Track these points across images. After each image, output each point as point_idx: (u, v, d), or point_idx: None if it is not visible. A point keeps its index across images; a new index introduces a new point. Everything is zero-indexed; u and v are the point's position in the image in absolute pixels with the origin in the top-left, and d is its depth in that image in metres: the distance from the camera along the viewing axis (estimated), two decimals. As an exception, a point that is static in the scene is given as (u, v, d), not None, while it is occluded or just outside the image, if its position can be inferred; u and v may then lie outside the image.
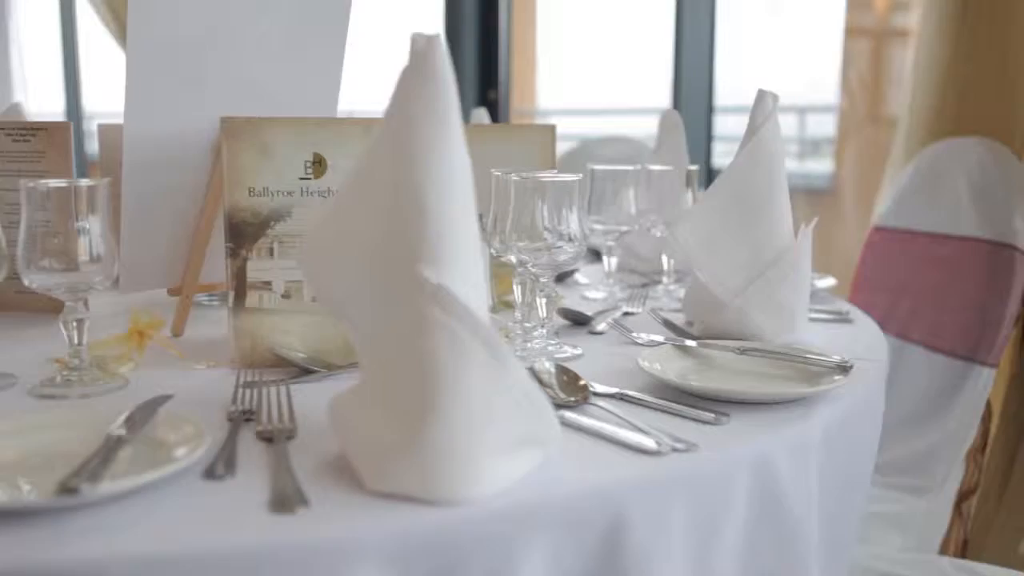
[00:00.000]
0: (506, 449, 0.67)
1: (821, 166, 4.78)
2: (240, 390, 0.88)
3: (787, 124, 5.13)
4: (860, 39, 4.31)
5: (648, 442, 0.75)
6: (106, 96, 5.23)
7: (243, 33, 1.09)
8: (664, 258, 1.44)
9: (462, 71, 3.88)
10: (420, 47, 0.68)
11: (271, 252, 0.97)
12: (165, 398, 0.80)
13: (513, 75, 4.24)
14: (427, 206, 0.66)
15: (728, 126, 3.61)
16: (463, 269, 0.67)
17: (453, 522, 0.63)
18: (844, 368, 0.92)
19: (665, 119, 1.71)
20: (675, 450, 0.75)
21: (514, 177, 1.03)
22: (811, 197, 4.05)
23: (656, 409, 0.85)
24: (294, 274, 0.98)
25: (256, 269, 0.97)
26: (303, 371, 0.95)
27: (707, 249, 1.11)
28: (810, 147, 5.40)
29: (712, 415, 0.82)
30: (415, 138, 0.67)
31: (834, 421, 0.86)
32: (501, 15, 3.72)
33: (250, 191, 0.96)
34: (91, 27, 4.66)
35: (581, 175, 1.03)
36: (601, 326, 1.18)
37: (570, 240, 1.02)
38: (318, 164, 0.97)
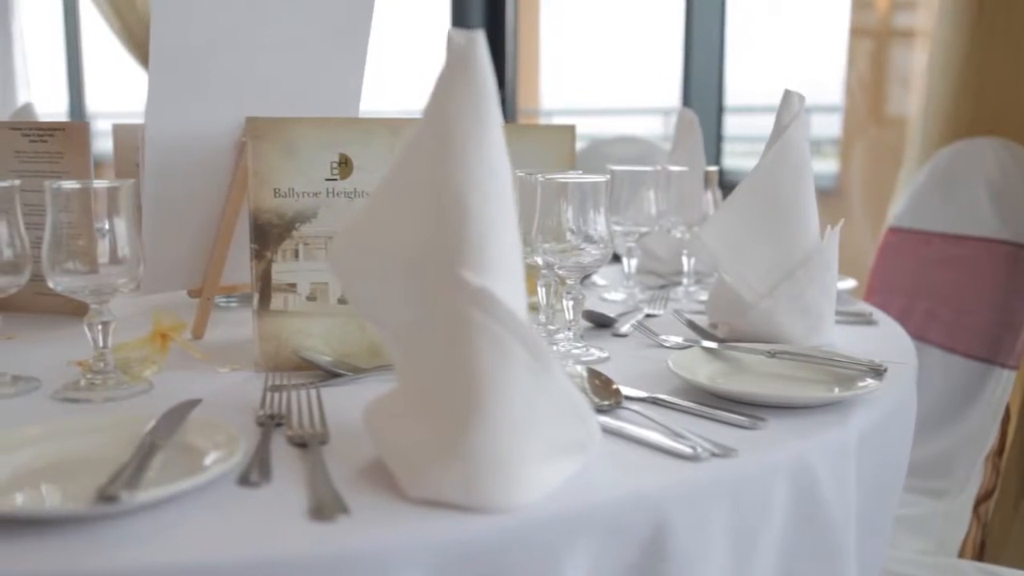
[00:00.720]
0: (548, 454, 0.66)
1: (826, 166, 4.78)
2: (268, 394, 0.86)
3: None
4: (864, 39, 4.31)
5: (687, 447, 0.73)
6: (110, 95, 5.22)
7: (266, 33, 1.08)
8: (684, 259, 1.43)
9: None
10: (460, 45, 0.67)
11: (296, 254, 0.96)
12: (194, 403, 0.79)
13: (518, 75, 4.23)
14: (468, 207, 0.65)
15: (729, 126, 3.60)
16: (504, 271, 0.66)
17: (497, 530, 0.62)
18: (878, 371, 0.90)
19: (682, 119, 1.69)
20: (714, 455, 0.74)
21: (540, 178, 1.02)
22: (817, 197, 4.04)
23: (690, 413, 0.84)
24: (320, 276, 0.96)
25: (281, 271, 0.96)
26: (329, 374, 0.94)
27: (734, 251, 1.10)
28: (814, 147, 5.40)
29: (748, 419, 0.81)
30: (456, 138, 0.66)
31: (870, 425, 0.85)
32: (508, 15, 3.71)
33: (275, 192, 0.95)
34: (94, 26, 4.64)
35: (608, 176, 1.02)
36: (625, 328, 1.17)
37: (597, 242, 1.01)
38: (344, 164, 0.96)
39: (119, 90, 5.31)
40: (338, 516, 0.62)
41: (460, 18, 3.76)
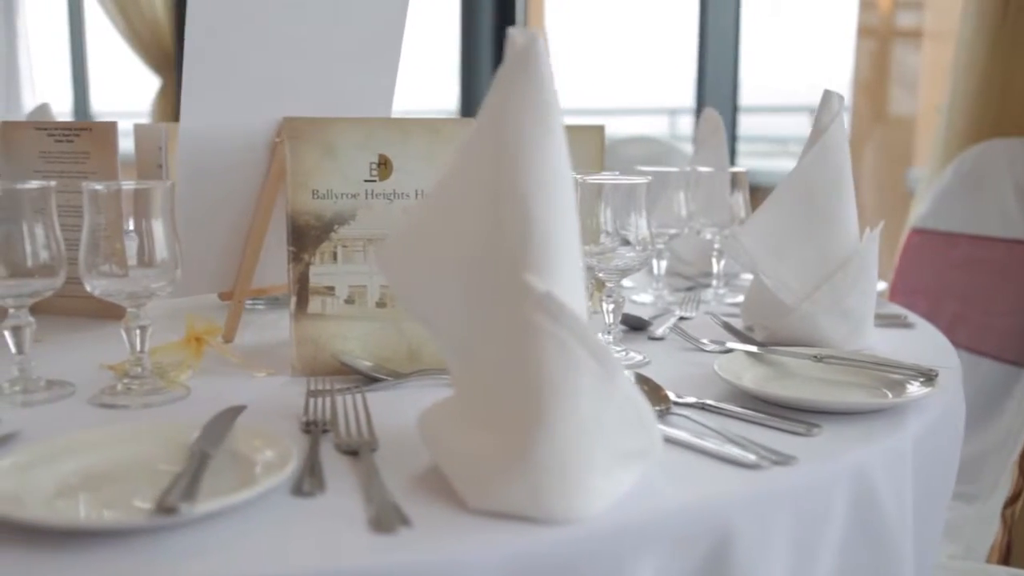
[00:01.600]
0: (612, 463, 0.64)
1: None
2: (310, 400, 0.85)
3: (799, 124, 5.13)
4: (871, 39, 4.30)
5: (748, 455, 0.72)
6: (114, 95, 5.20)
7: (299, 32, 1.07)
8: (713, 261, 1.41)
9: (478, 70, 3.85)
10: (520, 44, 0.65)
11: (334, 256, 0.94)
12: (239, 409, 0.77)
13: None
14: (532, 210, 0.63)
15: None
16: (567, 275, 0.64)
17: (564, 541, 0.60)
18: (929, 376, 0.89)
19: (706, 119, 1.68)
20: (775, 463, 0.72)
21: (579, 179, 1.00)
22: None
23: (742, 419, 0.83)
24: (358, 279, 0.95)
25: (319, 273, 0.94)
26: (368, 379, 0.93)
27: (773, 253, 1.08)
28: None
29: (804, 426, 0.79)
30: (517, 140, 0.64)
31: (923, 430, 0.84)
32: (518, 15, 3.69)
33: (314, 193, 0.93)
34: (99, 26, 4.62)
35: (649, 178, 1.00)
36: (660, 331, 1.16)
37: (637, 244, 0.99)
38: (383, 165, 0.94)
39: (124, 90, 5.29)
40: (399, 528, 0.60)
41: (470, 17, 3.74)
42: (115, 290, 0.86)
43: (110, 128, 1.18)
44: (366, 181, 0.94)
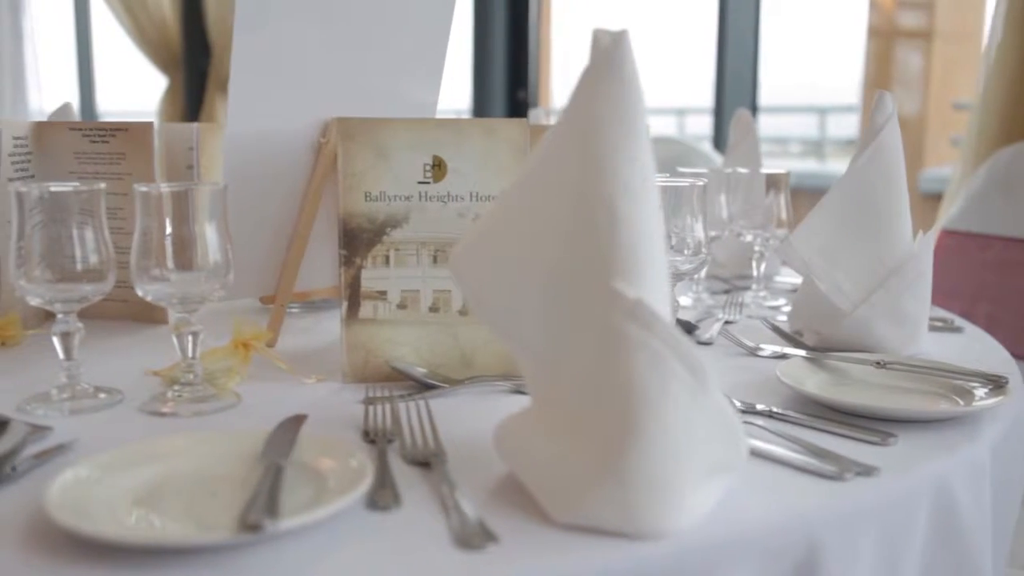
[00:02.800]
0: (702, 476, 0.62)
1: (844, 166, 4.76)
2: (370, 408, 0.83)
3: (808, 124, 5.11)
4: (882, 40, 4.28)
5: (830, 466, 0.70)
6: (121, 94, 5.17)
7: (346, 32, 1.04)
8: (753, 264, 1.39)
9: (491, 72, 3.83)
10: (605, 44, 0.63)
11: (387, 260, 0.92)
12: (301, 418, 0.75)
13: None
14: (619, 215, 0.61)
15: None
16: (655, 281, 0.62)
17: (656, 556, 0.58)
18: (999, 383, 0.87)
19: (738, 120, 1.66)
20: (858, 474, 0.70)
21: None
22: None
23: (811, 428, 0.81)
24: (411, 283, 0.93)
25: (371, 278, 0.92)
26: (422, 387, 0.90)
27: (827, 257, 1.06)
28: (830, 148, 5.38)
29: (879, 435, 0.77)
30: (604, 142, 0.62)
31: (998, 438, 0.82)
32: (531, 15, 3.67)
33: (366, 195, 0.91)
34: (106, 25, 4.60)
35: (706, 180, 0.98)
36: (708, 335, 1.14)
37: (693, 247, 0.97)
38: (437, 167, 0.92)
39: (130, 89, 5.26)
40: (487, 545, 0.58)
41: (482, 19, 3.72)
42: (167, 294, 0.84)
43: (146, 128, 1.16)
44: (420, 183, 0.92)
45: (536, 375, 0.67)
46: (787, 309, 1.33)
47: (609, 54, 0.63)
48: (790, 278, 1.59)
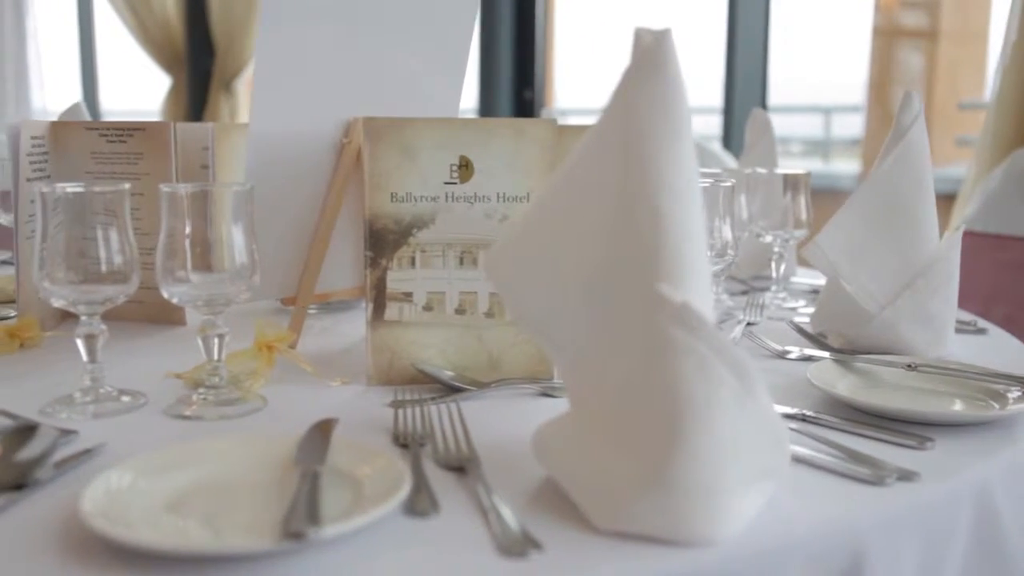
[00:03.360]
0: (748, 482, 0.61)
1: (848, 167, 4.75)
2: (399, 411, 0.82)
3: (812, 124, 5.10)
4: (886, 39, 4.28)
5: (872, 471, 0.69)
6: (124, 93, 5.16)
7: (370, 32, 1.03)
8: (773, 265, 1.38)
9: (497, 71, 3.82)
10: (648, 43, 0.62)
11: (412, 261, 0.91)
12: (332, 422, 0.74)
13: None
14: (664, 216, 0.60)
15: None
16: (699, 284, 0.61)
17: (703, 564, 0.57)
18: (1034, 385, 0.86)
19: (755, 120, 1.65)
20: (899, 479, 0.69)
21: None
22: (839, 197, 4.02)
23: (846, 431, 0.80)
24: (436, 285, 0.92)
25: (397, 279, 0.91)
26: (449, 389, 0.89)
27: (854, 259, 1.05)
28: (835, 148, 5.38)
29: (916, 439, 0.76)
30: (648, 143, 0.61)
31: (1036, 443, 0.81)
32: (537, 15, 3.66)
33: (392, 196, 0.90)
34: (109, 24, 4.58)
35: (733, 180, 0.97)
36: (730, 337, 1.13)
37: (721, 249, 0.96)
38: (464, 167, 0.91)
39: (134, 89, 5.25)
40: (530, 552, 0.57)
41: (489, 18, 3.71)
42: (192, 296, 0.83)
43: (164, 128, 1.15)
44: (446, 183, 0.91)
45: (575, 379, 0.66)
46: (805, 310, 1.32)
47: (652, 53, 0.62)
48: (806, 279, 1.58)
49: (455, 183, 0.91)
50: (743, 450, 0.60)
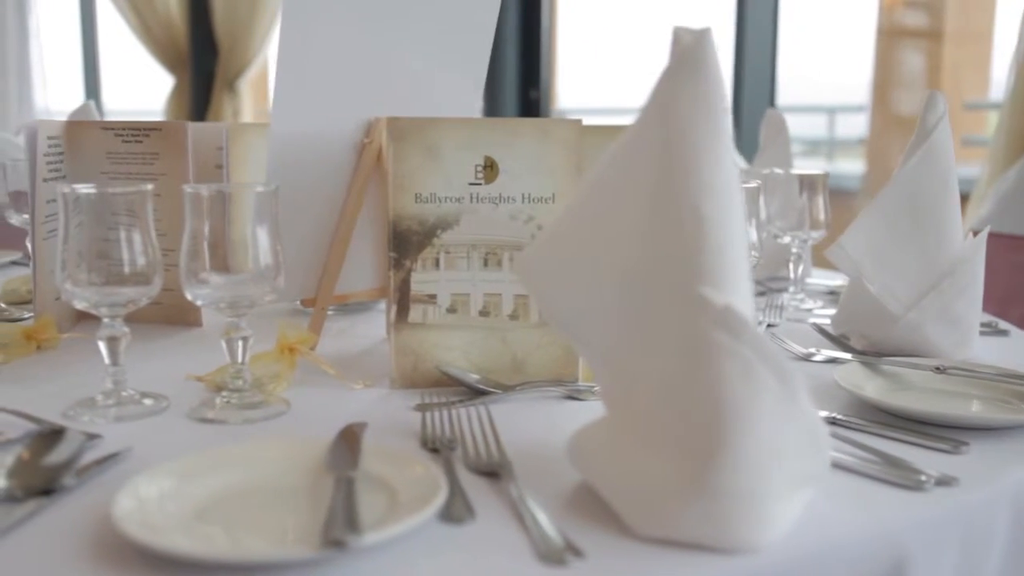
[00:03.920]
0: (789, 487, 0.60)
1: (852, 166, 4.75)
2: (427, 415, 0.81)
3: (817, 124, 5.10)
4: (890, 39, 4.27)
5: (910, 475, 0.68)
6: (127, 93, 5.15)
7: (391, 31, 1.02)
8: (791, 266, 1.37)
9: (503, 71, 3.81)
10: (687, 43, 0.61)
11: (436, 263, 0.90)
12: (362, 426, 0.73)
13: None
14: (706, 218, 0.59)
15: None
16: (741, 287, 0.60)
17: (747, 571, 0.57)
18: (1066, 389, 0.85)
19: (769, 121, 1.64)
20: (937, 484, 0.68)
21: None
22: (843, 197, 4.01)
23: (878, 435, 0.79)
24: (461, 286, 0.91)
25: (421, 281, 0.90)
26: (474, 392, 0.88)
27: (878, 260, 1.05)
28: (839, 148, 5.37)
29: (950, 443, 0.76)
30: (688, 143, 0.60)
31: (1069, 447, 0.80)
32: (543, 15, 3.65)
33: (416, 197, 0.89)
34: (112, 24, 4.57)
35: (759, 182, 0.96)
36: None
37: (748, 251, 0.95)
38: (489, 168, 0.90)
39: (136, 88, 5.24)
40: (571, 559, 0.56)
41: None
42: (216, 298, 0.82)
43: (180, 128, 1.14)
44: (471, 184, 0.90)
45: (610, 381, 0.65)
46: (822, 311, 1.32)
47: (691, 53, 0.61)
48: (822, 280, 1.57)
49: (480, 184, 0.90)
50: (786, 454, 0.59)
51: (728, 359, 0.57)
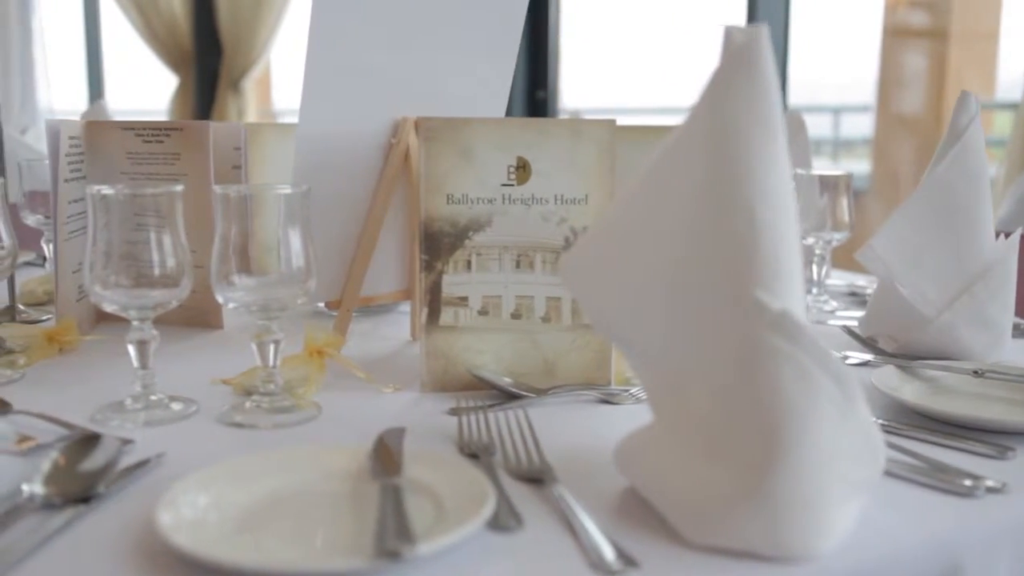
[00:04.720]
0: (845, 494, 0.59)
1: (858, 166, 4.74)
2: (464, 420, 0.79)
3: (822, 124, 5.09)
4: (897, 39, 4.26)
5: (962, 483, 0.67)
6: (130, 93, 5.13)
7: (418, 32, 1.01)
8: (814, 267, 1.36)
9: (510, 70, 3.79)
10: (739, 42, 0.60)
11: (468, 265, 0.89)
12: (401, 432, 0.72)
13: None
14: (760, 221, 0.58)
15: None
16: (796, 290, 0.59)
17: (806, 581, 0.55)
18: (1108, 393, 0.84)
19: (789, 121, 1.62)
20: (988, 491, 0.67)
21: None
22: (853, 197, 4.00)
23: (921, 440, 0.78)
24: (492, 289, 0.89)
25: (452, 283, 0.89)
26: (506, 396, 0.87)
27: (909, 262, 1.03)
28: (844, 147, 5.37)
29: (996, 448, 0.74)
30: (742, 145, 0.59)
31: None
32: (551, 15, 3.64)
33: (448, 198, 0.88)
34: (115, 23, 4.56)
35: (794, 183, 0.95)
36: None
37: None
38: (522, 169, 0.88)
39: (140, 88, 5.22)
40: (626, 569, 0.55)
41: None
42: (247, 301, 0.81)
43: (202, 128, 1.13)
44: (503, 185, 0.88)
45: (659, 387, 0.64)
46: (844, 313, 1.31)
47: (744, 52, 0.59)
48: (841, 280, 1.56)
49: (512, 185, 0.89)
50: (842, 461, 0.58)
51: (785, 364, 0.56)
